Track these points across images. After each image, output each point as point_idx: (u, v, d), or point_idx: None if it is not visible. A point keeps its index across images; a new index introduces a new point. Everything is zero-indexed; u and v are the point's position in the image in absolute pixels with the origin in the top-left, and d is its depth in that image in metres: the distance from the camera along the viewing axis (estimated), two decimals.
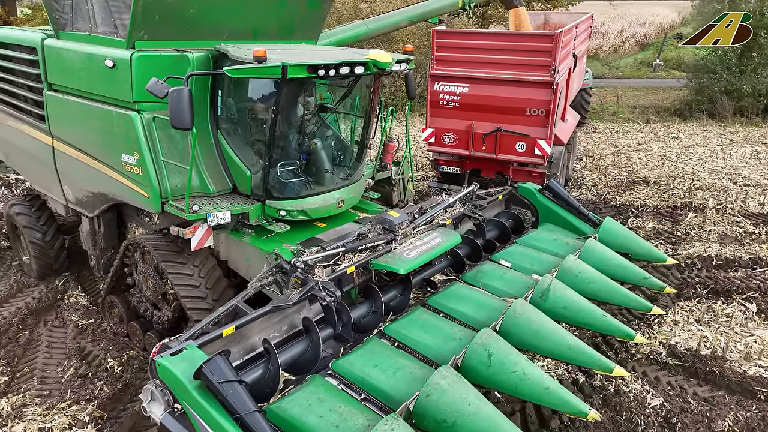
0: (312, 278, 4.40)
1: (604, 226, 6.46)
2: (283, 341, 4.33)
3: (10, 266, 8.42)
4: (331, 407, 3.58)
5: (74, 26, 6.06)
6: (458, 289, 5.36)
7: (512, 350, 4.08)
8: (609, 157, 13.75)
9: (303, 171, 5.87)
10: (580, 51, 11.93)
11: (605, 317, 4.83)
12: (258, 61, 4.70)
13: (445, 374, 3.68)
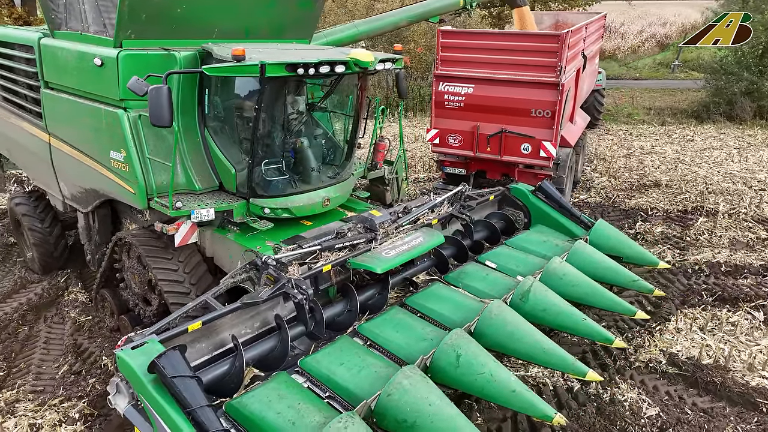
0: (285, 276, 4.42)
1: (596, 229, 6.44)
2: (254, 338, 4.40)
3: (15, 263, 8.54)
4: (290, 404, 3.61)
5: (68, 25, 6.14)
6: (438, 289, 5.36)
7: (481, 352, 4.08)
8: (620, 159, 13.51)
9: (288, 169, 5.87)
10: (591, 51, 11.72)
11: (585, 320, 4.82)
12: (237, 59, 4.73)
13: (409, 374, 3.69)
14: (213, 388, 3.92)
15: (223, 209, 5.57)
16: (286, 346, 4.19)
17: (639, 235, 9.29)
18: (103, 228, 6.68)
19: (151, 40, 5.59)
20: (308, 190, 5.89)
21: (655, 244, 8.99)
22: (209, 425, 3.15)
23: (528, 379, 5.72)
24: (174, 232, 5.44)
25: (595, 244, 6.33)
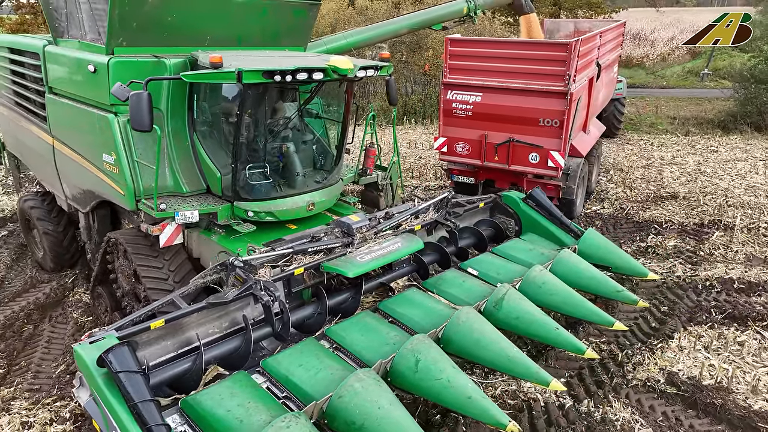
0: (253, 277, 4.47)
1: (585, 238, 6.48)
2: (221, 337, 4.50)
3: (28, 262, 8.78)
4: (240, 402, 3.69)
5: (69, 33, 6.33)
6: (412, 294, 5.39)
7: (441, 358, 4.11)
8: (639, 170, 13.19)
9: (272, 173, 5.95)
10: (608, 60, 11.50)
11: (557, 330, 4.83)
12: (214, 66, 4.82)
13: (362, 377, 3.75)
14: (175, 384, 4.08)
15: (208, 212, 5.71)
16: (248, 347, 4.30)
17: (650, 249, 9.05)
18: (103, 228, 6.85)
19: (143, 48, 5.73)
20: (292, 194, 6.00)
21: (666, 258, 8.73)
22: (149, 420, 3.25)
23: (519, 394, 5.61)
24: (158, 233, 5.56)
25: (584, 253, 6.40)
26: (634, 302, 5.80)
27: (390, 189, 8.04)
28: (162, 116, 5.84)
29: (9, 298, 7.70)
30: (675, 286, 7.91)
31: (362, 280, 5.35)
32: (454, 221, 6.42)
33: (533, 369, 4.37)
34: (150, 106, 4.75)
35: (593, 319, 5.38)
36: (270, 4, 6.57)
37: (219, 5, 6.11)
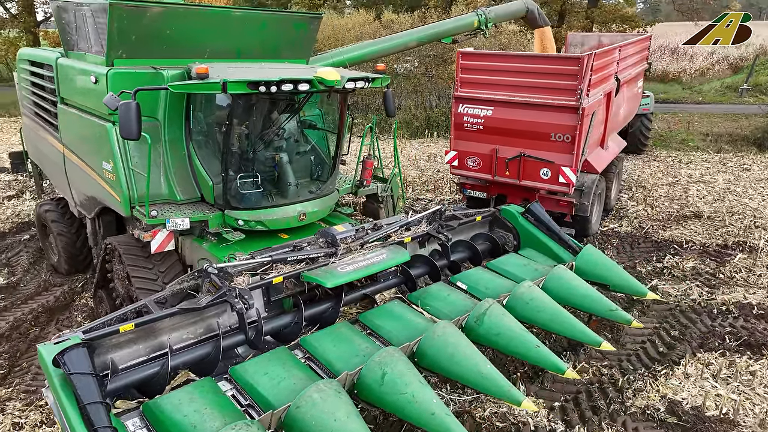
0: (228, 284, 4.48)
1: (583, 255, 6.36)
2: (195, 343, 4.54)
3: (43, 266, 9.06)
4: (197, 408, 3.70)
5: (78, 46, 6.55)
6: (393, 307, 5.34)
7: (408, 372, 4.05)
8: (663, 187, 12.75)
9: (264, 183, 6.00)
10: (629, 74, 11.20)
11: (538, 348, 4.73)
12: (200, 77, 4.88)
13: (322, 388, 3.73)
14: (143, 388, 4.14)
15: (199, 219, 5.79)
16: (217, 353, 4.34)
17: (665, 270, 8.70)
18: (108, 234, 7.03)
19: (142, 60, 5.88)
20: (283, 204, 6.03)
21: (682, 280, 8.37)
22: (96, 422, 3.29)
23: (509, 417, 5.43)
24: (149, 239, 5.65)
25: (581, 270, 6.29)
26: (628, 322, 5.64)
27: (391, 201, 7.99)
28: (159, 126, 5.97)
29: (21, 300, 7.95)
30: (689, 309, 7.56)
31: (343, 291, 5.31)
32: (446, 234, 6.34)
33: (505, 387, 4.27)
34: (138, 116, 4.87)
35: (580, 338, 5.26)
36: (269, 18, 6.67)
37: (217, 19, 6.24)
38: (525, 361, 5.02)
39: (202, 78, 5.02)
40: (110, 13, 5.46)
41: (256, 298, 5.07)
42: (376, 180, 8.08)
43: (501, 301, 5.57)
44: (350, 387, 4.23)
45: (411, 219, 6.28)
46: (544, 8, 28.22)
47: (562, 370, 4.71)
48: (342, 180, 7.38)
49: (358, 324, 5.21)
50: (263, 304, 5.17)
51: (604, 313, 5.78)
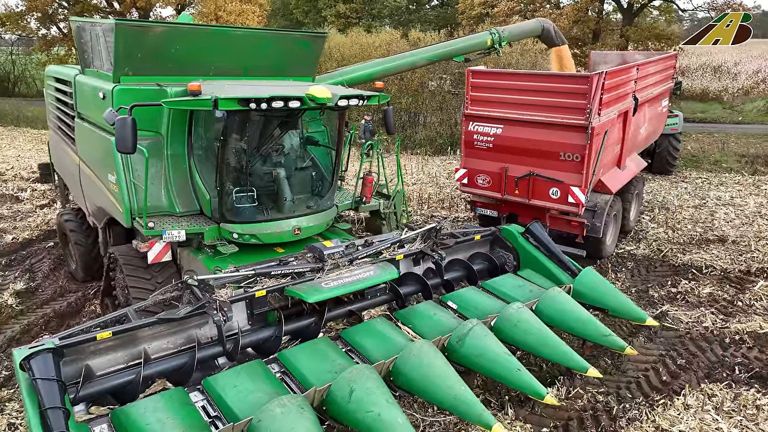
0: (208, 296, 4.56)
1: (581, 277, 6.22)
2: (175, 353, 4.64)
3: (61, 273, 9.43)
4: (160, 418, 3.78)
5: (93, 64, 6.86)
6: (375, 324, 5.35)
7: (377, 390, 4.04)
8: (688, 210, 12.32)
9: (259, 197, 6.09)
10: (650, 93, 10.95)
11: (519, 371, 4.66)
12: (192, 94, 5.02)
13: (285, 403, 3.75)
14: (118, 395, 4.25)
15: (195, 232, 5.93)
16: (191, 364, 4.44)
17: (679, 295, 8.38)
18: (118, 244, 7.25)
19: (148, 77, 6.12)
20: (278, 219, 6.09)
21: (696, 306, 8.04)
22: (54, 426, 3.40)
23: None
24: (146, 249, 5.81)
25: (579, 293, 6.18)
26: (622, 348, 5.49)
27: (394, 217, 8.00)
28: (162, 140, 6.19)
29: (37, 305, 8.28)
30: (699, 337, 7.25)
31: (326, 307, 5.33)
32: (440, 252, 6.31)
33: (477, 410, 4.21)
34: (134, 131, 5.06)
35: (566, 363, 5.16)
36: (273, 37, 6.85)
37: (220, 38, 6.45)
38: (505, 384, 4.93)
39: (195, 95, 5.19)
40: (116, 32, 5.74)
41: (239, 311, 5.16)
42: (380, 196, 8.12)
43: (489, 322, 5.51)
44: (319, 403, 4.24)
45: (404, 236, 6.28)
46: (579, 27, 27.96)
47: (541, 395, 4.64)
48: (343, 196, 7.44)
49: (339, 340, 5.22)
50: (246, 317, 5.24)
51: (597, 339, 5.65)
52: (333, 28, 32.37)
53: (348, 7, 37.63)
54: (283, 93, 5.36)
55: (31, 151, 19.67)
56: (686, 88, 32.23)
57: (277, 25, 41.23)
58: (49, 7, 24.40)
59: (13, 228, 11.37)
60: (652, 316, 7.72)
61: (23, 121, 25.36)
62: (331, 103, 5.54)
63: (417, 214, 12.25)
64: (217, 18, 20.84)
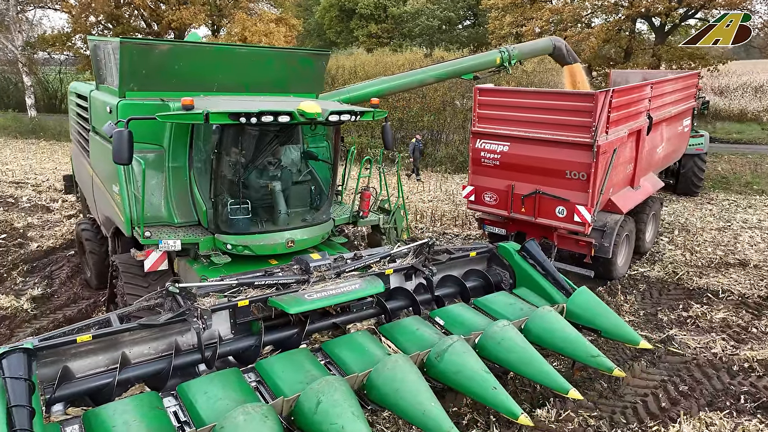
0: (190, 304, 4.66)
1: (575, 297, 6.11)
2: (156, 358, 4.75)
3: (77, 280, 9.77)
4: (127, 420, 3.88)
5: (106, 80, 7.18)
6: (356, 337, 5.37)
7: (344, 402, 4.04)
8: (711, 232, 11.91)
9: (254, 209, 6.20)
10: (667, 112, 10.72)
11: (495, 389, 4.61)
12: (186, 108, 5.20)
13: (249, 411, 3.79)
14: (94, 396, 4.38)
15: (190, 242, 6.08)
16: (168, 370, 4.55)
17: (690, 319, 8.09)
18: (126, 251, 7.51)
19: (153, 92, 6.36)
20: (272, 231, 6.19)
21: (707, 332, 7.74)
22: (17, 424, 3.53)
23: None
24: (143, 258, 5.98)
25: (573, 313, 6.10)
26: (610, 370, 5.36)
27: (394, 233, 8.03)
28: (164, 153, 6.41)
29: (51, 310, 8.60)
30: (706, 363, 6.96)
31: (308, 319, 5.38)
32: (431, 268, 6.29)
33: (445, 427, 4.17)
34: (130, 143, 5.26)
35: (547, 383, 5.06)
36: (275, 54, 7.04)
37: (223, 56, 6.67)
38: (480, 402, 4.85)
39: (188, 109, 5.38)
40: (121, 50, 6.02)
41: (223, 320, 5.25)
42: (381, 212, 8.17)
43: (473, 339, 5.45)
44: (287, 414, 4.27)
45: (394, 251, 6.30)
46: (610, 46, 27.61)
47: (515, 415, 4.56)
48: (341, 210, 7.52)
49: (320, 352, 5.25)
50: (230, 326, 5.33)
51: (585, 359, 5.52)
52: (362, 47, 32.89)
53: (379, 27, 38.22)
54: (273, 108, 5.49)
55: (68, 164, 20.53)
56: (723, 107, 31.35)
57: (311, 45, 42.14)
58: (94, 28, 25.62)
59: (40, 236, 11.87)
60: (657, 340, 7.51)
61: (63, 136, 26.56)
62: (321, 118, 5.65)
63: (429, 231, 12.23)
64: (244, 39, 21.50)
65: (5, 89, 37.85)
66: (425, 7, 36.51)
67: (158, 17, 24.04)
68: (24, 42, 28.54)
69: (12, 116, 29.72)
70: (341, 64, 21.86)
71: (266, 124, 5.53)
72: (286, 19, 26.28)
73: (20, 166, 19.63)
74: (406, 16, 37.23)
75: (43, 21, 33.25)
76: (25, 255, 10.68)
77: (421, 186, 16.59)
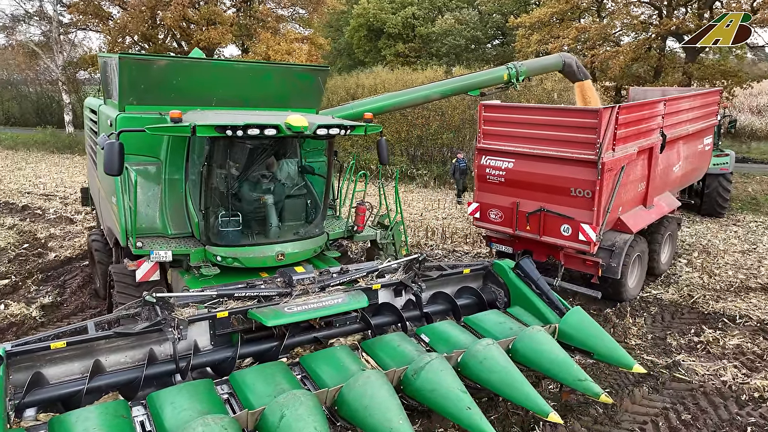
0: (166, 314, 4.69)
1: (568, 317, 5.94)
2: (132, 367, 4.79)
3: (87, 290, 9.99)
4: (87, 428, 3.88)
5: (112, 95, 7.39)
6: (334, 352, 5.30)
7: (308, 417, 3.98)
8: (733, 255, 11.42)
9: (245, 222, 6.22)
10: (685, 130, 10.39)
11: (469, 410, 4.47)
12: (174, 121, 5.29)
13: (208, 422, 3.80)
14: (66, 402, 4.43)
15: (181, 253, 6.14)
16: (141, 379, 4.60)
17: (700, 345, 7.73)
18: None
19: (152, 106, 6.51)
20: (262, 244, 6.19)
21: (718, 358, 7.38)
22: None
23: None
24: (134, 268, 6.07)
25: (565, 334, 5.94)
26: (596, 395, 5.15)
27: (392, 248, 7.96)
28: (161, 165, 6.55)
29: (58, 318, 8.81)
30: (714, 392, 6.62)
31: (287, 332, 5.35)
32: (420, 284, 6.19)
33: None
34: (120, 154, 5.40)
35: (526, 405, 4.88)
36: (274, 70, 7.14)
37: (221, 71, 6.80)
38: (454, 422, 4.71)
39: (176, 122, 5.49)
40: (120, 65, 6.20)
41: (202, 331, 5.27)
42: (380, 227, 8.13)
43: (456, 358, 5.32)
44: (252, 427, 4.23)
45: (383, 265, 6.24)
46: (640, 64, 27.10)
47: None
48: (336, 224, 7.51)
49: (298, 366, 5.20)
50: (209, 337, 5.34)
51: (571, 383, 5.31)
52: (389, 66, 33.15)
53: (407, 46, 38.54)
54: (260, 121, 5.55)
55: None
56: (760, 127, 30.33)
57: (341, 64, 42.76)
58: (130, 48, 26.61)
59: (60, 247, 12.23)
60: (663, 365, 7.19)
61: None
62: (308, 132, 5.68)
63: (439, 248, 12.10)
64: (268, 57, 21.98)
65: (48, 107, 39.55)
66: (452, 27, 36.67)
67: (188, 37, 24.84)
68: (64, 62, 29.83)
69: (50, 132, 30.98)
70: (361, 83, 22.06)
71: (253, 137, 5.59)
72: (313, 38, 26.77)
73: (52, 179, 20.38)
74: (434, 36, 37.46)
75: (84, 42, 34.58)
76: (42, 264, 11.01)
77: (437, 203, 16.46)
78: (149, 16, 24.50)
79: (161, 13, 24.26)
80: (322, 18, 29.98)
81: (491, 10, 38.19)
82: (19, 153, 27.50)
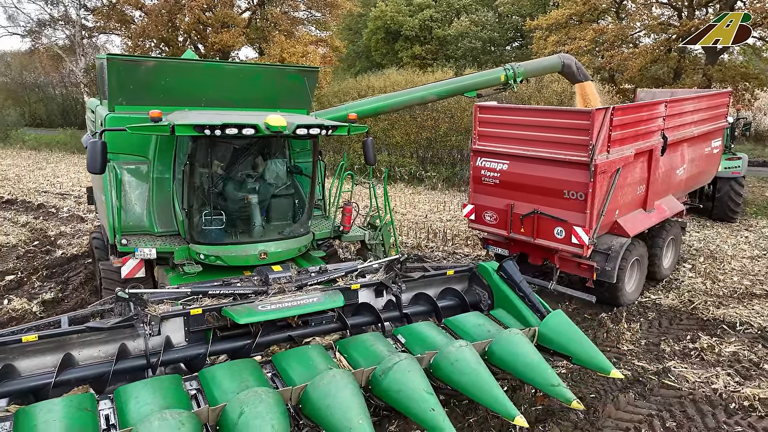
0: (138, 310, 4.76)
1: (548, 321, 5.91)
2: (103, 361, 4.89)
3: (87, 287, 10.20)
4: (48, 420, 3.97)
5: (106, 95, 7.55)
6: (306, 351, 5.32)
7: (267, 415, 4.01)
8: (741, 261, 11.13)
9: (229, 220, 6.29)
10: (689, 132, 10.16)
11: (432, 411, 4.46)
12: (154, 120, 5.38)
13: (166, 417, 3.84)
14: (37, 394, 4.55)
15: (165, 251, 6.24)
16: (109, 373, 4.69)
17: (694, 352, 7.54)
18: None
19: (141, 106, 6.63)
20: (245, 242, 6.24)
21: (711, 366, 7.19)
22: None
23: None
24: (119, 265, 6.18)
25: (544, 337, 5.89)
26: (568, 401, 5.07)
27: (381, 249, 7.96)
28: (149, 164, 6.66)
29: (57, 314, 8.99)
30: (703, 399, 6.46)
31: (260, 330, 5.38)
32: (401, 285, 6.18)
33: None
34: (103, 153, 5.51)
35: (494, 408, 4.82)
36: (263, 71, 7.21)
37: (210, 72, 6.89)
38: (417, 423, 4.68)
39: (155, 121, 5.58)
40: (108, 66, 6.34)
41: (177, 327, 5.34)
42: (371, 227, 8.13)
43: (428, 359, 5.29)
44: (213, 422, 4.27)
45: (363, 265, 6.25)
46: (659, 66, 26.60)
47: None
48: (322, 225, 7.54)
49: (270, 364, 5.23)
50: (184, 333, 5.41)
51: (544, 387, 5.24)
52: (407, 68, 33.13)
53: (424, 49, 38.50)
54: (238, 120, 5.61)
55: None
56: None
57: (359, 66, 42.91)
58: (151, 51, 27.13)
59: (68, 244, 12.52)
60: (652, 372, 7.05)
61: None
62: (287, 131, 5.72)
63: (439, 250, 12.05)
64: (282, 59, 22.20)
65: (73, 108, 40.57)
66: (469, 29, 36.51)
67: (204, 40, 25.24)
68: (86, 65, 30.56)
69: (71, 133, 31.74)
70: (371, 85, 22.09)
71: (232, 136, 5.65)
72: (329, 40, 26.93)
73: (69, 179, 20.86)
74: (451, 38, 37.35)
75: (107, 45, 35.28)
76: (48, 261, 11.28)
77: (443, 205, 16.40)
78: (168, 20, 24.96)
79: (179, 17, 24.70)
80: (338, 21, 30.15)
81: (510, 11, 37.92)
82: (41, 153, 28.27)
